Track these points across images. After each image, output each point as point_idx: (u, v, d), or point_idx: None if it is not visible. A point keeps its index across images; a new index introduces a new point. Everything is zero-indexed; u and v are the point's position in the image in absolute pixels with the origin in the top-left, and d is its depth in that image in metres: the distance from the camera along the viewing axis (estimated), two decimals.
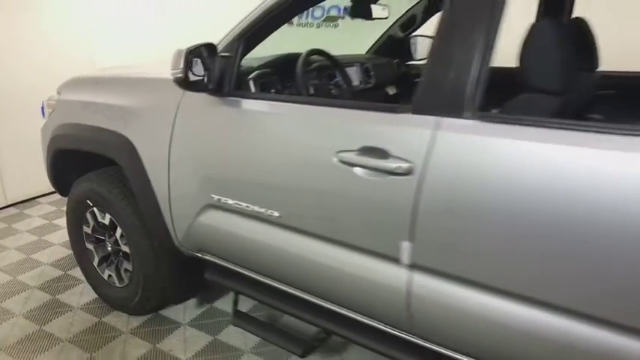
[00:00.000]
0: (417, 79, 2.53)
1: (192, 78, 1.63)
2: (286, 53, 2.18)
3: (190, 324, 2.43)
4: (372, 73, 2.64)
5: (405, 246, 1.41)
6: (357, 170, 1.45)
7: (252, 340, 2.28)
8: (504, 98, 1.54)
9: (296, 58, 2.05)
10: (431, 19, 2.73)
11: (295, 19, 5.25)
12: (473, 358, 1.44)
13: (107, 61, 3.84)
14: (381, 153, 1.40)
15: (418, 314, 1.46)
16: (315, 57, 2.22)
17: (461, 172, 1.28)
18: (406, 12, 2.79)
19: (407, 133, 1.38)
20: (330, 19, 5.04)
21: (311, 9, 5.20)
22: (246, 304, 2.44)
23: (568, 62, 1.49)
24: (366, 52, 3.05)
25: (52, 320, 2.46)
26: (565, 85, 1.47)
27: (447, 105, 1.32)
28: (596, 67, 2.19)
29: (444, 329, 1.45)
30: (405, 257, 1.42)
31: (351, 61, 2.57)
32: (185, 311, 2.53)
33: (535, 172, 1.18)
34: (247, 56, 1.86)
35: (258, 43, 1.85)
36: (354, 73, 2.50)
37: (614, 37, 3.26)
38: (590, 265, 1.13)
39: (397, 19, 2.83)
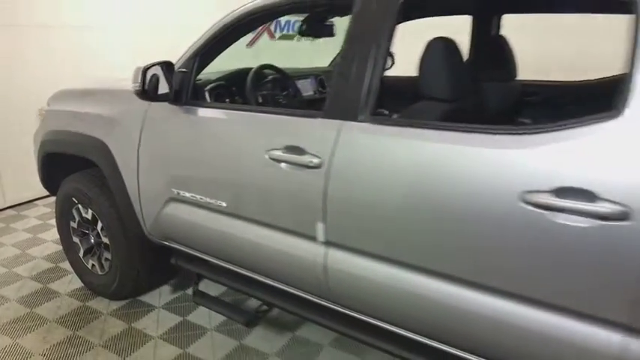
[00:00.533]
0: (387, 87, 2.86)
1: (148, 91, 1.95)
2: (241, 68, 2.50)
3: (164, 307, 2.74)
4: (326, 83, 2.95)
5: (320, 226, 1.72)
6: (283, 165, 1.76)
7: (217, 320, 2.58)
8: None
9: (248, 72, 2.37)
10: None
11: (277, 33, 5.60)
12: (377, 319, 1.74)
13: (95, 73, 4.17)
14: (299, 150, 1.71)
15: (333, 283, 1.76)
16: (268, 71, 2.54)
17: (356, 165, 1.59)
18: None
19: (318, 134, 1.69)
20: None
21: (292, 22, 5.54)
22: (216, 289, 2.74)
23: (458, 74, 1.79)
24: (328, 65, 3.37)
25: (41, 304, 2.78)
26: (455, 93, 1.77)
27: (347, 110, 1.63)
28: (514, 77, 2.50)
29: (353, 295, 1.75)
30: (321, 236, 1.73)
31: (307, 73, 2.89)
32: (160, 296, 2.84)
33: (415, 163, 1.50)
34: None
35: (211, 61, 2.17)
36: (308, 85, 2.82)
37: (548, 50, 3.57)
38: (464, 237, 1.42)
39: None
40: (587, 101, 1.59)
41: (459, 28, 2.40)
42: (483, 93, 2.40)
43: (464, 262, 1.44)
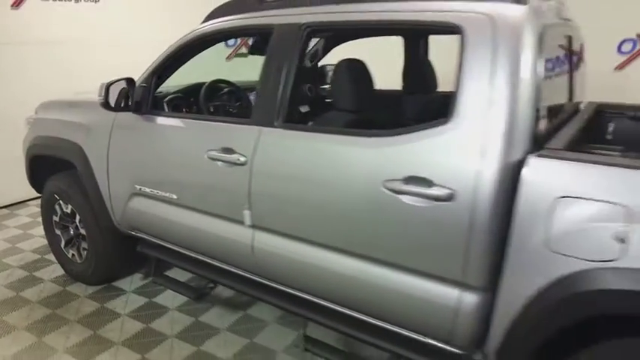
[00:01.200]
0: (327, 99, 3.26)
1: (111, 103, 2.35)
2: (197, 82, 2.90)
3: (133, 291, 3.12)
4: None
5: (247, 213, 2.11)
6: (219, 163, 2.16)
7: (179, 300, 2.96)
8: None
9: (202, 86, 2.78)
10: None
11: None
12: (292, 288, 2.12)
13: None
14: (231, 151, 2.11)
15: (259, 259, 2.15)
16: (222, 84, 2.95)
17: (270, 162, 1.99)
18: (311, 48, 3.52)
19: (244, 137, 2.08)
20: None
21: None
22: (179, 273, 3.13)
23: (361, 89, 2.18)
24: None
25: (26, 289, 3.16)
26: (358, 105, 2.15)
27: (265, 118, 2.03)
28: (434, 89, 2.90)
29: (275, 269, 2.14)
30: (247, 220, 2.12)
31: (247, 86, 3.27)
32: (131, 282, 3.22)
33: (309, 159, 1.90)
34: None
35: (168, 77, 2.58)
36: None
37: None
38: (344, 217, 1.82)
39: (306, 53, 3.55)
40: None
41: None
42: (406, 103, 2.81)
43: (344, 236, 1.84)
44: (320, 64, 3.43)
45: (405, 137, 1.68)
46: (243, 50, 5.81)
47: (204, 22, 2.41)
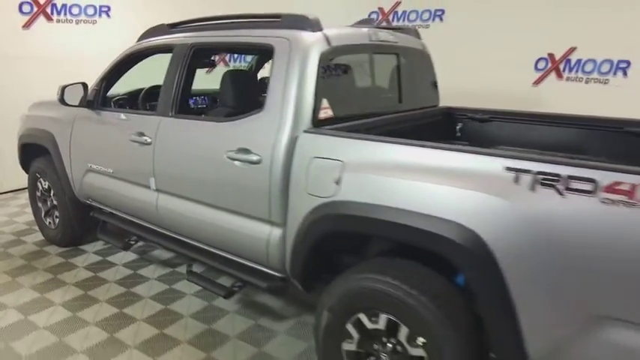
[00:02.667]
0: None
1: (67, 101, 3.20)
2: (140, 87, 3.71)
3: (94, 252, 3.94)
4: (218, 100, 4.14)
5: (152, 180, 2.89)
6: (135, 144, 2.95)
7: (126, 258, 3.77)
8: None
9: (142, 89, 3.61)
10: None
11: (231, 62, 6.89)
12: (184, 236, 2.88)
13: None
14: (143, 134, 2.90)
15: (162, 215, 2.92)
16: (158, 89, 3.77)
17: (165, 141, 2.78)
18: (249, 64, 4.34)
19: (151, 124, 2.87)
20: None
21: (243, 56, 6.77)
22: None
23: (237, 91, 2.92)
24: None
25: (12, 247, 4.03)
26: (238, 104, 2.91)
27: (164, 110, 2.82)
28: None
29: (170, 221, 2.90)
30: (153, 185, 2.90)
31: (205, 92, 4.07)
32: (94, 246, 4.04)
33: (184, 137, 2.67)
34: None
35: (115, 82, 3.41)
36: (202, 100, 4.02)
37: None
38: (206, 178, 2.58)
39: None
40: None
41: None
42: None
43: (204, 192, 2.60)
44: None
45: (238, 122, 2.44)
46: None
47: (137, 41, 3.25)
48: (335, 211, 2.02)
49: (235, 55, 6.67)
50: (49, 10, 5.52)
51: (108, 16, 5.96)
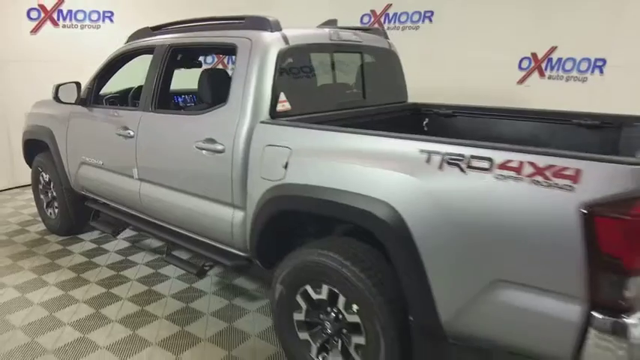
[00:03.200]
0: None
1: (62, 98, 3.48)
2: (131, 87, 3.98)
3: (90, 240, 4.23)
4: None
5: (135, 170, 3.15)
6: (120, 137, 3.21)
7: (119, 246, 4.04)
8: None
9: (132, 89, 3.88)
10: None
11: (230, 64, 7.15)
12: (162, 221, 3.13)
13: None
14: (126, 128, 3.17)
15: (144, 202, 3.18)
16: None
17: (144, 134, 3.03)
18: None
19: (134, 118, 3.13)
20: None
21: None
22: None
23: (214, 89, 3.16)
24: None
25: (16, 236, 4.34)
26: (212, 100, 3.15)
27: (145, 106, 3.08)
28: None
29: (151, 208, 3.16)
30: (135, 175, 3.16)
31: (190, 91, 4.33)
32: (91, 235, 4.33)
33: (159, 130, 2.92)
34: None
35: (106, 81, 3.69)
36: (187, 98, 4.28)
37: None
38: (177, 167, 2.83)
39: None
40: None
41: None
42: None
43: (178, 179, 2.84)
44: None
45: (206, 114, 2.69)
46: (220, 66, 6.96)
47: (125, 43, 3.52)
48: (283, 192, 2.25)
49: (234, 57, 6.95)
50: (55, 16, 5.87)
51: (111, 21, 6.29)
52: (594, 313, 1.51)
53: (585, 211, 1.47)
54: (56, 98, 3.51)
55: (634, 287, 1.48)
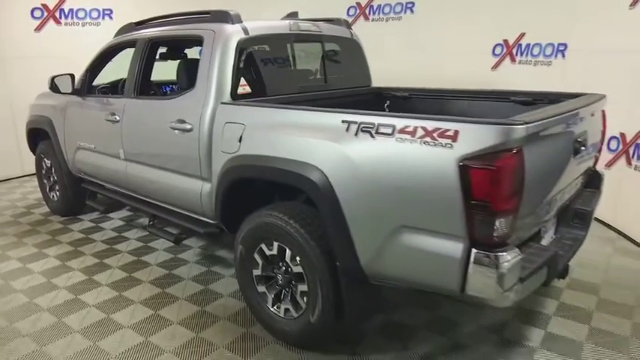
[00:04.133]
0: None
1: (56, 89, 3.86)
2: (121, 77, 4.34)
3: (89, 220, 4.63)
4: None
5: (121, 151, 3.52)
6: (109, 122, 3.58)
7: (116, 224, 4.44)
8: None
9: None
10: None
11: None
12: (146, 197, 3.50)
13: None
14: (113, 114, 3.53)
15: (130, 180, 3.55)
16: None
17: (128, 118, 3.40)
18: None
19: (120, 105, 3.50)
20: None
21: None
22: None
23: (190, 76, 3.50)
24: None
25: (22, 217, 4.77)
26: (187, 87, 3.50)
27: (129, 93, 3.44)
28: None
29: (136, 184, 3.53)
30: (122, 156, 3.53)
31: (173, 82, 4.67)
32: (90, 215, 4.73)
33: (138, 113, 3.28)
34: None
35: (98, 73, 4.06)
36: (177, 88, 4.63)
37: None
38: (154, 146, 3.19)
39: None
40: None
41: None
42: None
43: (157, 157, 3.20)
44: None
45: (178, 98, 3.04)
46: None
47: (114, 37, 3.88)
48: (237, 163, 2.59)
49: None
50: (57, 14, 6.27)
51: (111, 18, 6.67)
52: (473, 250, 1.83)
53: (461, 164, 1.78)
54: (52, 88, 3.89)
55: (502, 226, 1.80)
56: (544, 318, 2.87)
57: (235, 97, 2.84)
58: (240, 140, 2.58)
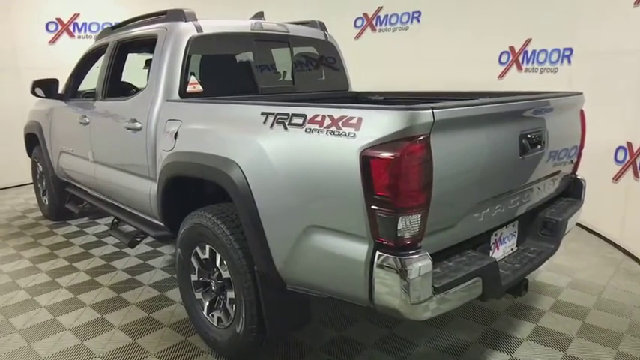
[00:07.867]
0: None
1: (38, 93, 3.92)
2: None
3: (76, 225, 4.66)
4: None
5: (90, 153, 3.51)
6: (81, 125, 3.59)
7: (101, 229, 4.44)
8: None
9: None
10: None
11: None
12: (111, 199, 3.46)
13: None
14: (85, 117, 3.54)
15: (98, 182, 3.53)
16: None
17: (96, 120, 3.39)
18: None
19: (90, 108, 3.50)
20: None
21: None
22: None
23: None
24: None
25: (16, 221, 4.85)
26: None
27: (97, 95, 3.44)
28: None
29: (103, 186, 3.50)
30: (91, 158, 3.52)
31: None
32: (79, 221, 4.76)
33: (106, 114, 3.26)
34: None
35: (81, 79, 4.11)
36: None
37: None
38: (113, 146, 3.15)
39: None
40: None
41: None
42: None
43: (114, 157, 3.16)
44: None
45: (133, 98, 2.99)
46: None
47: (94, 42, 3.93)
48: (171, 160, 2.49)
49: None
50: (71, 28, 6.51)
51: None
52: (377, 252, 1.61)
53: (362, 155, 1.59)
54: (33, 93, 3.96)
55: (409, 226, 1.58)
56: (513, 342, 2.56)
57: (184, 95, 2.76)
58: (175, 137, 2.48)
